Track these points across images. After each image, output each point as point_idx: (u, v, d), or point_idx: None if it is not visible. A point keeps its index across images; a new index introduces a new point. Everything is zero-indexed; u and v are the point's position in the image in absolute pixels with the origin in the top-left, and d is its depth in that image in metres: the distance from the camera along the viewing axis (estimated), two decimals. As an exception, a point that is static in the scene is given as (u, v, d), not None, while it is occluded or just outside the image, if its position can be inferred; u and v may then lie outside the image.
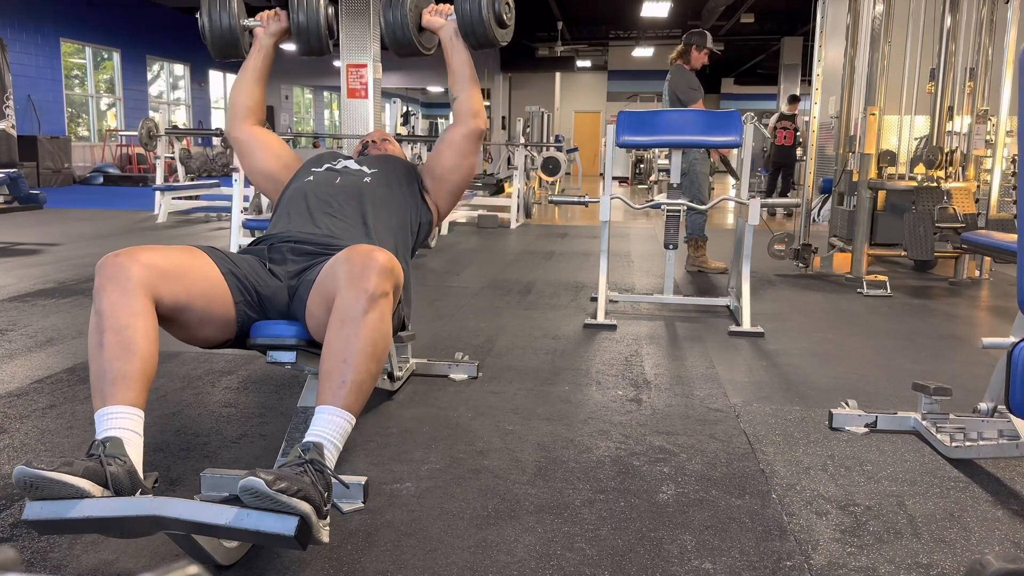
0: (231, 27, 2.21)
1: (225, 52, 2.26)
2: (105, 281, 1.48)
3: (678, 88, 5.04)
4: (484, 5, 2.12)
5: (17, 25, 12.36)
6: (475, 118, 2.22)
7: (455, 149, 2.24)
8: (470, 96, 2.22)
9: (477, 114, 2.22)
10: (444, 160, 2.25)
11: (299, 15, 2.21)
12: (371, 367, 1.48)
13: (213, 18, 2.20)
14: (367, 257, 1.52)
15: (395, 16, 2.19)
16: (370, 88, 9.44)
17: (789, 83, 16.85)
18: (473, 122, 2.22)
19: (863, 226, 4.78)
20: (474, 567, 1.46)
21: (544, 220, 8.76)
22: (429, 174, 2.27)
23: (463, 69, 2.22)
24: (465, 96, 2.22)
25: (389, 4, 2.20)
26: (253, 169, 2.31)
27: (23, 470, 1.20)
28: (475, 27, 2.15)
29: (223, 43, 2.23)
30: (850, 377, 2.77)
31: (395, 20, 2.19)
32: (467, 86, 2.22)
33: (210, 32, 2.22)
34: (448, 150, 2.25)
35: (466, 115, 2.22)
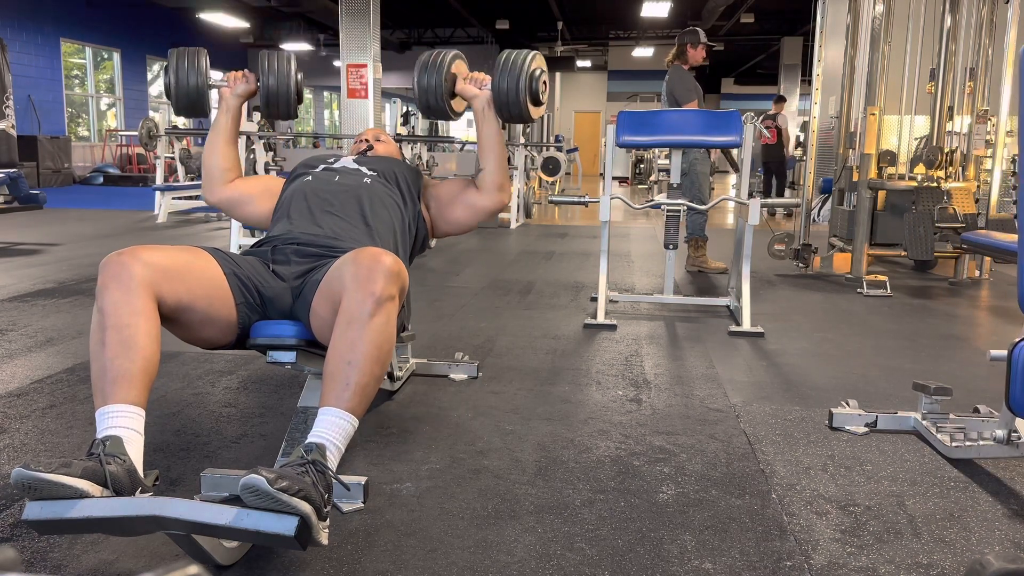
0: (198, 86, 2.19)
1: (191, 110, 2.23)
2: (108, 279, 1.48)
3: (675, 89, 5.03)
4: (522, 82, 2.11)
5: (17, 25, 12.36)
6: (500, 192, 2.20)
7: (472, 213, 2.23)
8: (497, 168, 2.19)
9: (503, 188, 2.21)
10: (456, 214, 2.24)
11: (270, 79, 2.20)
12: (375, 370, 1.48)
13: (180, 76, 2.17)
14: (375, 260, 1.52)
15: (430, 81, 2.17)
16: (370, 88, 9.45)
17: (789, 83, 16.86)
18: (499, 196, 2.20)
19: (863, 226, 4.78)
20: (474, 567, 1.46)
21: (544, 220, 8.76)
22: (435, 204, 2.25)
23: (492, 141, 2.20)
24: (492, 167, 2.19)
25: (425, 69, 2.18)
26: (249, 219, 2.27)
27: (21, 472, 1.20)
28: (510, 104, 2.14)
29: (188, 102, 2.20)
30: (850, 377, 2.77)
31: (430, 85, 2.17)
32: (495, 158, 2.20)
33: (176, 90, 2.18)
34: (465, 211, 2.23)
35: (493, 188, 2.20)
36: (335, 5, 9.42)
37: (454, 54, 2.23)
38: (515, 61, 2.13)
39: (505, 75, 2.12)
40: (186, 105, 2.21)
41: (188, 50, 2.21)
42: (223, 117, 2.22)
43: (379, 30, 9.62)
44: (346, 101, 9.55)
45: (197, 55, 2.20)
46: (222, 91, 2.23)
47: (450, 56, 2.20)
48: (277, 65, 2.20)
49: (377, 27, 9.53)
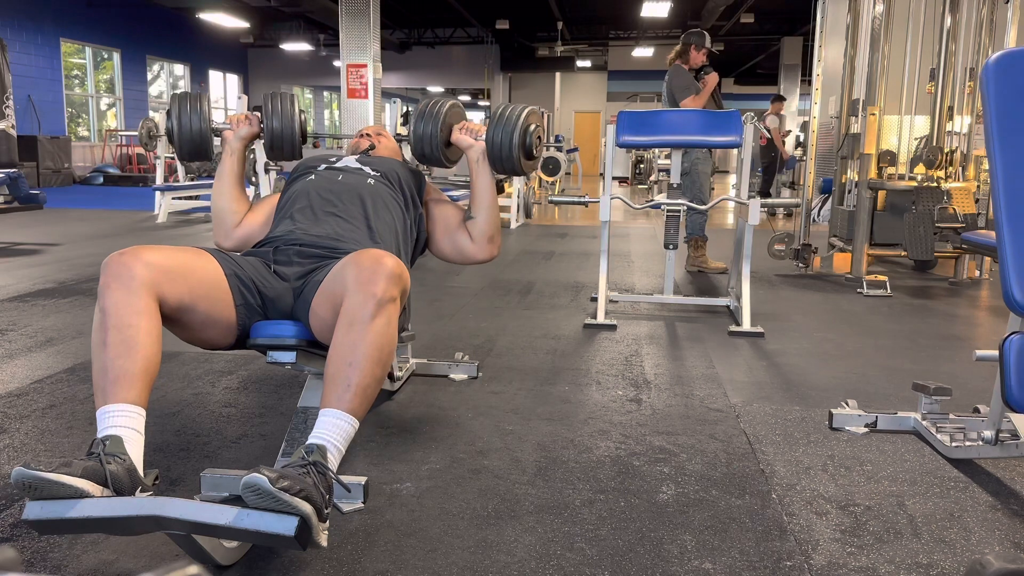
0: (201, 131, 2.18)
1: (194, 155, 2.22)
2: (110, 279, 1.49)
3: (675, 88, 5.05)
4: (516, 137, 2.12)
5: (17, 25, 12.36)
6: (490, 244, 2.21)
7: (459, 256, 2.24)
8: (488, 219, 2.20)
9: (493, 240, 2.21)
10: (444, 248, 2.24)
11: (274, 121, 2.20)
12: (376, 372, 1.48)
13: (183, 121, 2.16)
14: (377, 262, 1.52)
15: (426, 130, 2.19)
16: (370, 88, 9.45)
17: (789, 83, 16.85)
18: (488, 248, 2.21)
19: (863, 226, 4.78)
20: (474, 567, 1.46)
21: (544, 220, 8.76)
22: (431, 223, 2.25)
23: (485, 191, 2.21)
24: (484, 219, 2.20)
25: (422, 117, 2.19)
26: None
27: (21, 472, 1.20)
28: (503, 156, 2.15)
29: (192, 146, 2.19)
30: (850, 377, 2.77)
31: (425, 134, 2.19)
32: (487, 208, 2.20)
33: (179, 135, 2.17)
34: (452, 250, 2.24)
35: (483, 240, 2.20)
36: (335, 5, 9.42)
37: (452, 103, 2.25)
38: (509, 115, 2.15)
39: (499, 129, 2.14)
40: (190, 150, 2.20)
41: (190, 95, 2.21)
42: (228, 160, 2.20)
43: (379, 30, 9.62)
44: (346, 101, 9.54)
45: (199, 100, 2.20)
46: (225, 134, 2.21)
47: (447, 106, 2.23)
48: (280, 107, 2.20)
49: (377, 27, 9.53)
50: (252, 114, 2.24)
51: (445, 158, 2.26)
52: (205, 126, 2.18)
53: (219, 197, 2.18)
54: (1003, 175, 1.55)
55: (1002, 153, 1.56)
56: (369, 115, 9.51)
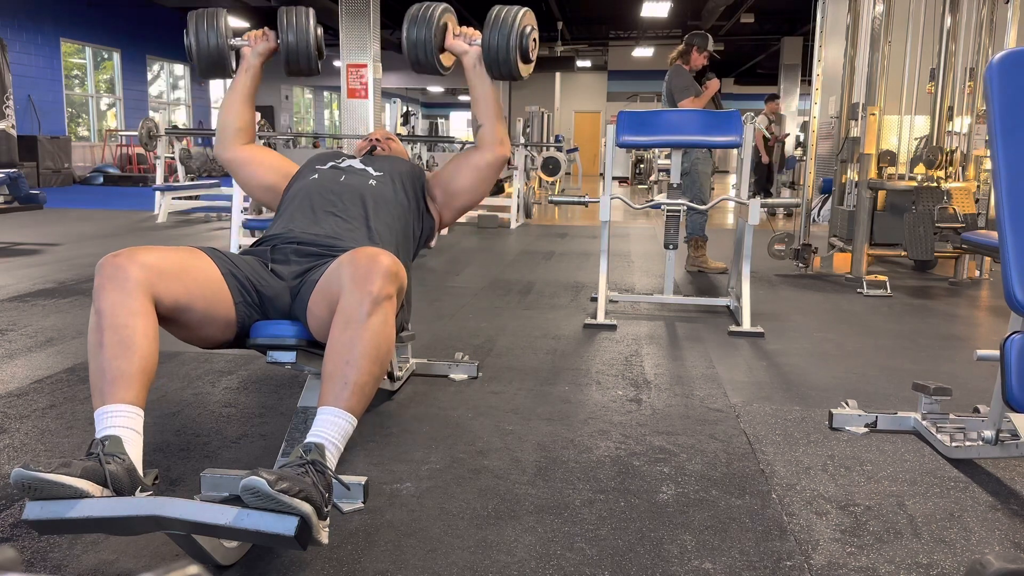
0: (219, 47, 2.17)
1: (212, 72, 2.22)
2: (105, 281, 1.48)
3: (674, 88, 5.06)
4: (512, 39, 2.08)
5: (17, 25, 12.36)
6: (501, 146, 2.20)
7: (478, 174, 2.22)
8: (495, 124, 2.19)
9: (502, 142, 2.20)
10: (463, 181, 2.23)
11: (288, 35, 2.18)
12: (374, 369, 1.48)
13: (200, 38, 2.16)
14: (372, 260, 1.52)
15: (419, 35, 2.14)
16: (370, 88, 9.45)
17: (789, 83, 16.85)
18: (500, 149, 2.20)
19: (863, 226, 4.78)
20: (474, 567, 1.46)
21: (544, 220, 8.76)
22: (441, 187, 2.24)
23: (488, 97, 2.19)
24: (490, 124, 2.19)
25: (414, 22, 2.14)
26: (249, 184, 2.28)
27: (20, 472, 1.20)
28: (500, 60, 2.11)
29: (210, 63, 2.19)
30: (850, 377, 2.77)
31: (418, 39, 2.14)
32: (492, 114, 2.20)
33: (197, 52, 2.17)
34: (470, 173, 2.22)
35: (493, 143, 2.19)
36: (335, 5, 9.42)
37: (444, 7, 2.19)
38: (505, 17, 2.09)
39: (495, 32, 2.09)
40: (208, 66, 2.21)
41: (207, 11, 2.20)
42: (242, 76, 2.23)
43: (379, 30, 9.62)
44: (346, 101, 9.54)
45: (216, 16, 2.19)
46: (243, 50, 2.24)
47: (440, 9, 2.17)
48: (296, 21, 2.19)
49: (377, 27, 9.53)
50: (269, 30, 2.25)
51: (439, 64, 2.20)
52: (223, 42, 2.18)
53: (227, 111, 2.24)
54: (1006, 174, 1.55)
55: (1005, 152, 1.56)
56: (369, 115, 9.51)
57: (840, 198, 5.40)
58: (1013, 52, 1.63)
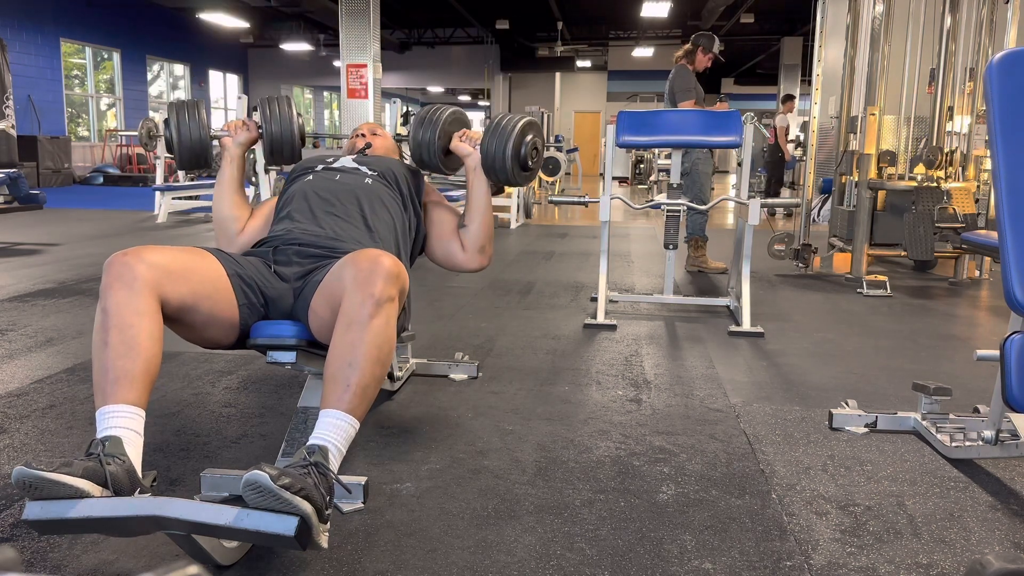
0: (200, 139, 2.17)
1: (194, 163, 2.21)
2: (112, 280, 1.49)
3: (676, 88, 5.06)
4: (509, 149, 2.11)
5: (17, 25, 12.36)
6: (481, 255, 2.21)
7: (450, 263, 2.24)
8: (480, 229, 2.20)
9: (484, 251, 2.22)
10: (436, 253, 2.25)
11: (273, 126, 2.20)
12: (376, 371, 1.48)
13: (182, 131, 2.16)
14: (374, 262, 1.52)
15: (424, 136, 2.19)
16: (370, 88, 9.46)
17: (789, 83, 16.86)
18: (479, 259, 2.21)
19: (863, 226, 4.78)
20: (474, 567, 1.46)
21: (544, 220, 8.76)
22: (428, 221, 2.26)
23: (480, 200, 2.21)
24: (476, 228, 2.20)
25: (421, 124, 2.20)
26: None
27: (22, 471, 1.20)
28: (496, 169, 2.15)
29: (191, 154, 2.19)
30: (850, 377, 2.77)
31: (424, 140, 2.19)
32: (480, 218, 2.21)
33: (178, 144, 2.16)
34: (444, 257, 2.24)
35: (474, 250, 2.20)
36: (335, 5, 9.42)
37: (452, 111, 2.25)
38: (504, 126, 2.14)
39: (494, 139, 2.13)
40: (189, 158, 2.19)
41: (187, 103, 2.20)
42: (227, 168, 2.19)
43: (379, 30, 9.63)
44: (346, 101, 9.55)
45: (197, 108, 2.19)
46: (223, 141, 2.21)
47: (447, 113, 2.23)
48: (278, 111, 2.20)
49: (377, 27, 9.54)
50: (250, 120, 2.24)
51: (444, 165, 2.26)
52: (204, 134, 2.17)
53: (220, 204, 2.17)
54: (1006, 174, 1.55)
55: (1005, 152, 1.56)
56: (369, 115, 9.51)
57: (840, 198, 5.40)
58: (1013, 52, 1.63)
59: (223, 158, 2.21)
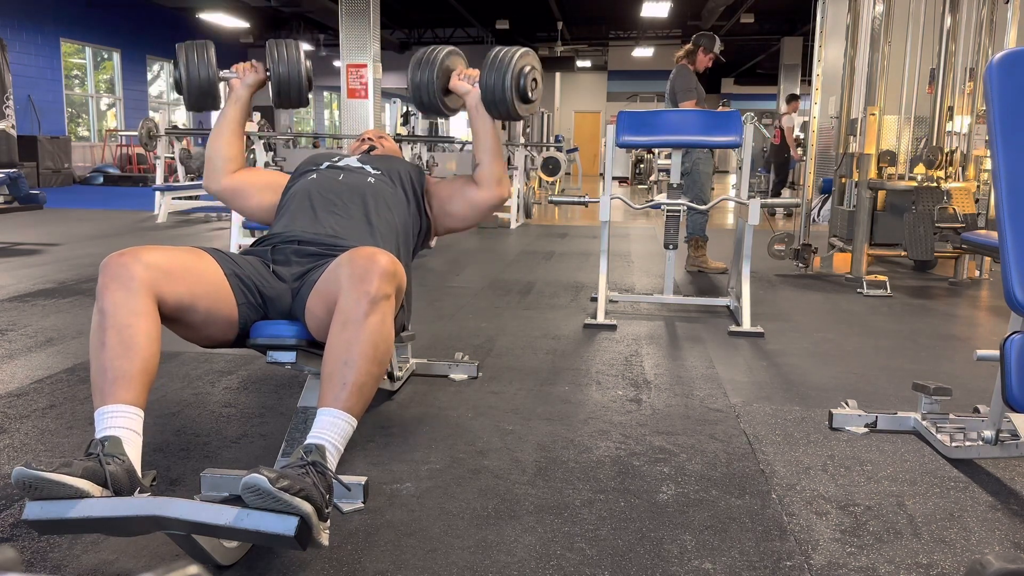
0: (209, 79, 2.18)
1: (201, 104, 2.22)
2: (109, 280, 1.49)
3: (677, 88, 5.06)
4: (508, 80, 2.10)
5: (17, 25, 12.36)
6: (499, 186, 2.20)
7: (472, 210, 2.23)
8: (493, 162, 2.20)
9: (500, 182, 2.21)
10: (456, 209, 2.24)
11: (280, 67, 2.20)
12: (373, 369, 1.48)
13: (191, 71, 2.17)
14: (369, 260, 1.52)
15: (423, 77, 2.17)
16: (370, 88, 9.45)
17: (789, 83, 16.86)
18: (498, 190, 2.20)
19: (863, 226, 4.78)
20: (474, 567, 1.46)
21: (544, 220, 8.76)
22: (437, 201, 2.25)
23: (487, 137, 2.20)
24: (488, 162, 2.20)
25: (418, 65, 2.18)
26: (249, 212, 2.25)
27: (22, 471, 1.20)
28: (497, 102, 2.13)
29: (200, 94, 2.19)
30: (850, 377, 2.77)
31: (423, 81, 2.17)
32: (491, 153, 2.20)
33: (187, 84, 2.18)
34: (464, 205, 2.23)
35: (491, 182, 2.20)
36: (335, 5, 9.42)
37: (449, 50, 2.22)
38: (503, 58, 2.11)
39: (492, 72, 2.11)
40: (197, 98, 2.21)
41: (196, 44, 2.21)
42: (231, 107, 2.22)
43: (379, 30, 9.62)
44: (346, 101, 9.55)
45: (206, 48, 2.20)
46: (232, 82, 2.23)
47: (444, 52, 2.20)
48: (286, 54, 2.20)
49: (377, 27, 9.53)
50: (257, 63, 2.25)
51: (444, 106, 2.23)
52: (212, 74, 2.19)
53: (215, 140, 2.20)
54: (1006, 174, 1.55)
55: (1005, 152, 1.56)
56: (369, 115, 9.51)
57: (840, 198, 5.40)
58: (1013, 52, 1.63)
59: (228, 98, 2.23)
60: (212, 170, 2.20)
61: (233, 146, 2.21)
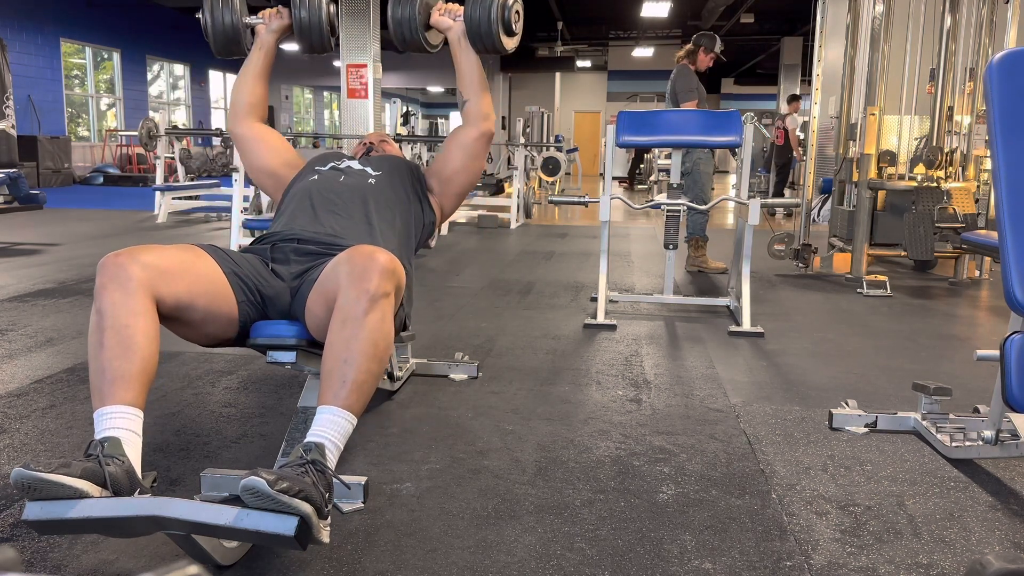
0: (233, 24, 2.21)
1: (228, 50, 2.26)
2: (106, 280, 1.48)
3: (678, 88, 5.06)
4: (493, 12, 2.10)
5: (17, 25, 12.36)
6: (485, 121, 2.22)
7: (466, 152, 2.24)
8: (480, 99, 2.21)
9: (487, 117, 2.22)
10: (453, 162, 2.25)
11: (301, 12, 2.21)
12: (372, 367, 1.48)
13: (216, 16, 2.20)
14: (369, 258, 1.52)
15: (403, 13, 2.18)
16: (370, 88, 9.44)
17: (789, 83, 16.85)
18: (484, 125, 2.22)
19: (863, 226, 4.78)
20: (474, 567, 1.46)
21: (544, 220, 8.76)
22: (436, 175, 2.27)
23: (472, 72, 2.21)
24: (475, 99, 2.21)
25: (398, 1, 2.19)
26: (254, 166, 2.31)
27: (21, 472, 1.20)
28: (482, 34, 2.13)
29: (225, 40, 2.23)
30: (850, 377, 2.77)
31: (403, 17, 2.18)
32: (476, 89, 2.21)
33: (212, 30, 2.22)
34: (458, 152, 2.25)
35: (477, 118, 2.21)
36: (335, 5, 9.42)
37: None
38: None
39: (477, 5, 2.12)
40: (223, 44, 2.24)
41: None
42: (256, 53, 2.27)
43: (379, 30, 9.61)
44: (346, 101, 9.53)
45: None
46: (257, 28, 2.27)
47: None
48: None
49: (377, 27, 9.52)
50: (283, 8, 2.28)
51: (426, 42, 2.23)
52: (237, 19, 2.22)
53: (240, 88, 2.29)
54: (1006, 174, 1.55)
55: (1005, 152, 1.56)
56: (369, 115, 9.50)
57: (840, 198, 5.40)
58: (1013, 52, 1.63)
59: (254, 44, 2.27)
60: (235, 113, 2.29)
61: (256, 92, 2.29)
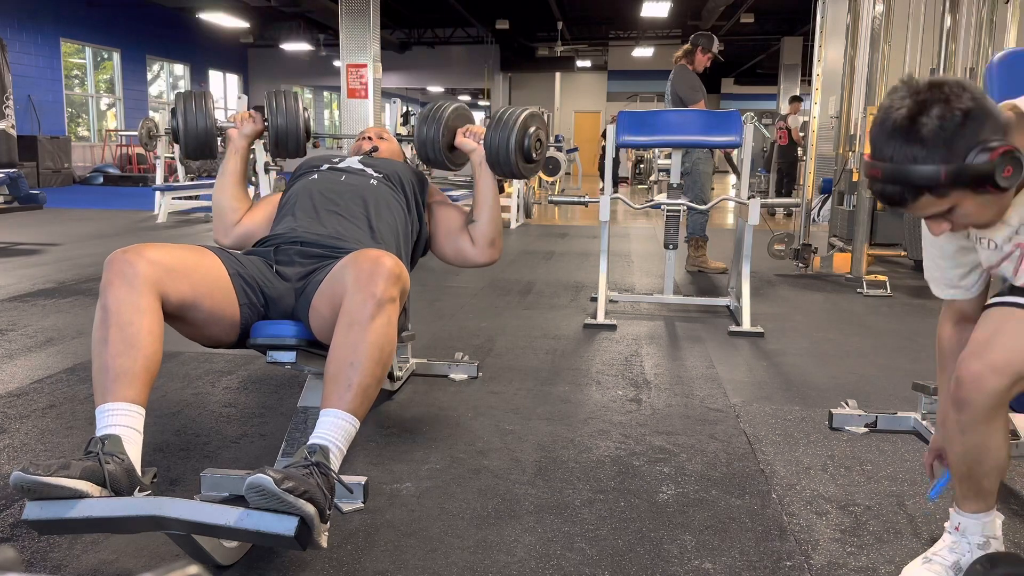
0: (206, 128, 2.20)
1: (199, 152, 2.24)
2: (112, 277, 1.48)
3: (680, 88, 5.06)
4: (513, 140, 2.12)
5: (17, 25, 12.36)
6: (491, 248, 2.21)
7: (460, 259, 2.24)
8: (490, 223, 2.20)
9: (494, 244, 2.22)
10: (445, 251, 2.25)
11: (277, 118, 2.22)
12: (376, 371, 1.48)
13: (188, 120, 2.18)
14: (375, 262, 1.52)
15: (429, 133, 2.20)
16: (370, 88, 9.45)
17: (789, 83, 16.87)
18: (489, 252, 2.21)
19: (863, 226, 4.78)
20: (474, 567, 1.46)
21: (544, 220, 8.76)
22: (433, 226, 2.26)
23: (487, 195, 2.21)
24: (485, 222, 2.20)
25: (425, 120, 2.21)
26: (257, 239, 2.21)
27: (19, 476, 1.20)
28: (500, 161, 2.16)
29: (197, 144, 2.21)
30: (850, 377, 2.77)
31: (428, 137, 2.20)
32: (489, 212, 2.21)
33: (184, 134, 2.19)
34: (453, 249, 2.24)
35: (484, 244, 2.21)
36: (335, 5, 9.42)
37: (456, 106, 2.26)
38: (507, 119, 2.15)
39: (497, 132, 2.14)
40: (195, 148, 2.22)
41: (194, 93, 2.23)
42: (232, 159, 2.21)
43: (379, 30, 9.62)
44: (346, 101, 9.54)
45: (204, 98, 2.22)
46: (229, 132, 2.23)
47: (451, 110, 2.23)
48: (284, 104, 2.22)
49: (377, 27, 9.53)
50: (255, 112, 2.26)
51: (449, 161, 2.27)
52: (210, 124, 2.20)
53: (221, 194, 2.19)
54: None
55: None
56: (369, 115, 9.50)
57: (840, 198, 5.40)
58: (1013, 52, 1.63)
59: (228, 149, 2.23)
60: (221, 224, 2.18)
61: (238, 198, 2.19)
